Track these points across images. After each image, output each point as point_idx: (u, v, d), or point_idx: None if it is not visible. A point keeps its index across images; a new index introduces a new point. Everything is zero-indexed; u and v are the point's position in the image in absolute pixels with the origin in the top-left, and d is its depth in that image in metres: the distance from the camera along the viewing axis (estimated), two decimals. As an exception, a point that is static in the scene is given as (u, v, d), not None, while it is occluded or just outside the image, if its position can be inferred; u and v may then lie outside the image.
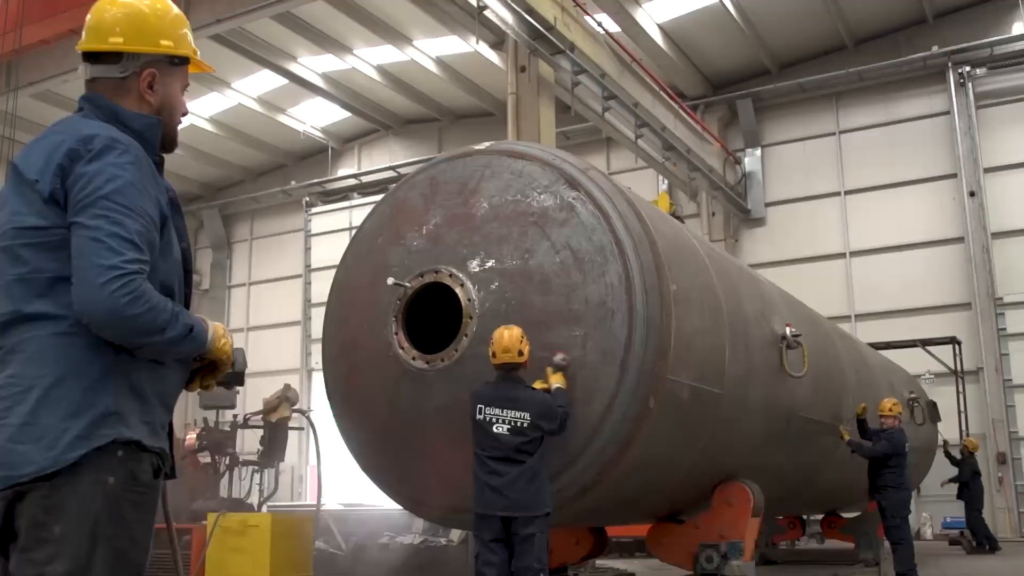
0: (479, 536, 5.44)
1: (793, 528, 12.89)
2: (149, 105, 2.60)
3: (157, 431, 2.46)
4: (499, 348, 5.20)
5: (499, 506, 5.28)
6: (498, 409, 5.26)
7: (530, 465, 5.27)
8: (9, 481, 2.25)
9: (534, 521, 5.30)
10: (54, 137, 2.45)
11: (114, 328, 2.28)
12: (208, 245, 30.47)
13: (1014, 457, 19.28)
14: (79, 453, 2.26)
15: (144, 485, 2.39)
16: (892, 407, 9.94)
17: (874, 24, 21.50)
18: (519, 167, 5.72)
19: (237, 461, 10.51)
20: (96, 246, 2.26)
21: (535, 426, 5.24)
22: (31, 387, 2.28)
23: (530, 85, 14.13)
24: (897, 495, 9.81)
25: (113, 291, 2.23)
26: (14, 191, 2.42)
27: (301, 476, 26.17)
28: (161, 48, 2.59)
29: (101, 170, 2.34)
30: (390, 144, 27.60)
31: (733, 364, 6.33)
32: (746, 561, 6.26)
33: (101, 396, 2.31)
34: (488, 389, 5.32)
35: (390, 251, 5.91)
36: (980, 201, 20.16)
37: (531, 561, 5.31)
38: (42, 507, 2.25)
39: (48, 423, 2.26)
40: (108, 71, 2.56)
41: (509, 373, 5.26)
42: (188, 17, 5.88)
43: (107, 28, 2.55)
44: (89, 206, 2.30)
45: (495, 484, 5.27)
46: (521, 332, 5.20)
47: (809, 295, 13.84)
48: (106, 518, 2.28)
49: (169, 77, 2.63)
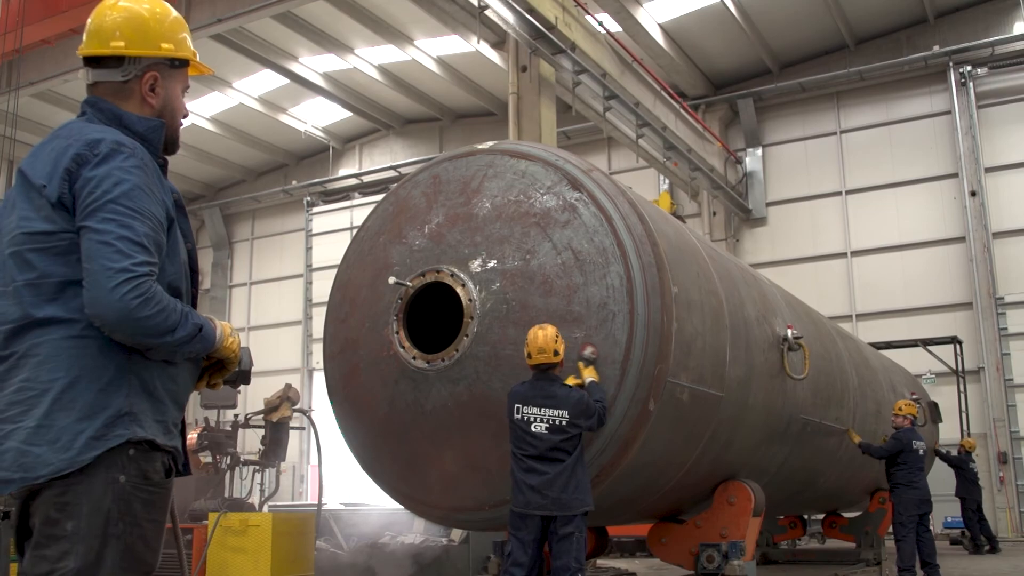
0: (516, 535, 5.38)
1: (794, 528, 12.88)
2: (151, 107, 2.63)
3: (170, 429, 2.51)
4: (534, 349, 5.17)
5: (538, 505, 5.26)
6: (536, 408, 5.24)
7: (569, 463, 5.25)
8: (25, 482, 2.30)
9: (573, 520, 5.29)
10: (59, 142, 2.47)
11: (125, 330, 2.32)
12: (209, 245, 30.50)
13: (1015, 457, 19.29)
14: (94, 454, 2.31)
15: (155, 484, 2.44)
16: (903, 407, 10.15)
17: (875, 24, 21.50)
18: (522, 167, 5.72)
19: (238, 461, 10.51)
20: (106, 249, 2.30)
21: (574, 424, 5.23)
22: (45, 390, 2.32)
23: (531, 85, 14.13)
24: (907, 493, 9.91)
25: (124, 294, 2.27)
26: (22, 196, 2.46)
27: (302, 476, 26.21)
28: (162, 51, 2.62)
29: (108, 174, 2.37)
30: (391, 144, 27.61)
31: (734, 366, 6.32)
32: (747, 561, 6.25)
33: (114, 397, 2.36)
34: (525, 388, 5.29)
35: (392, 250, 5.91)
36: (981, 201, 20.17)
37: (569, 560, 5.29)
38: (55, 505, 2.30)
39: (63, 425, 2.30)
40: (110, 75, 2.59)
41: (545, 372, 5.25)
42: (189, 17, 5.95)
43: (108, 32, 2.58)
44: (98, 210, 2.33)
45: (534, 483, 5.24)
46: (556, 331, 5.16)
47: (810, 295, 13.87)
48: (117, 516, 2.33)
49: (170, 80, 2.66)
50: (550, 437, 5.23)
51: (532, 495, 5.25)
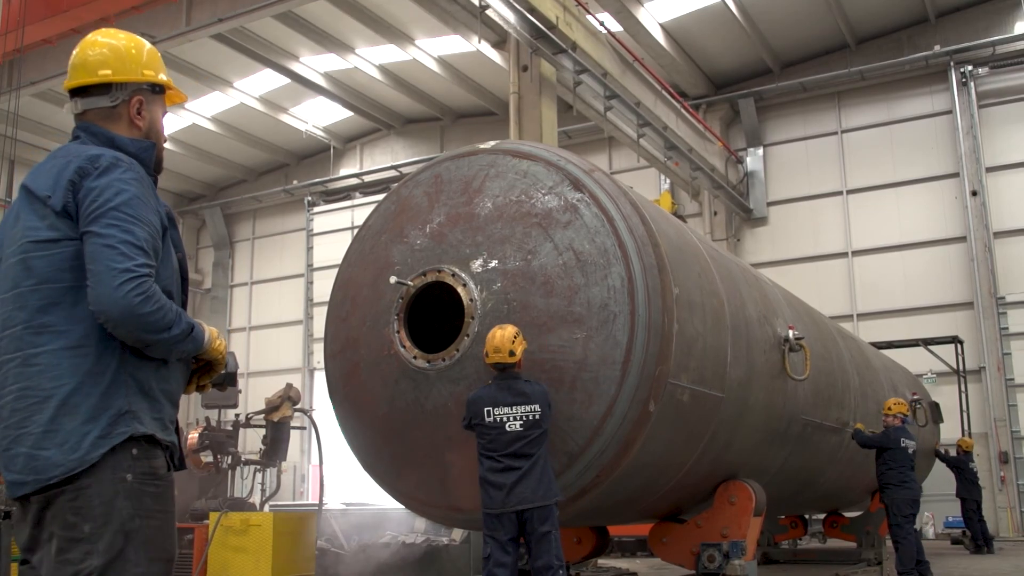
0: (493, 537, 5.41)
1: (795, 527, 12.89)
2: (139, 129, 2.84)
3: (167, 426, 2.67)
4: (490, 348, 5.21)
5: (513, 502, 5.29)
6: (508, 407, 5.27)
7: (540, 455, 5.31)
8: (38, 484, 2.46)
9: (548, 518, 5.31)
10: (60, 160, 2.68)
11: (127, 325, 2.49)
12: (210, 244, 30.52)
13: (1016, 456, 19.29)
14: (101, 452, 2.48)
15: (160, 478, 2.61)
16: (893, 406, 10.07)
17: (876, 23, 21.49)
18: (524, 167, 5.71)
19: (239, 460, 10.50)
20: (110, 252, 2.48)
21: (545, 415, 5.26)
22: (48, 396, 2.48)
23: (532, 84, 14.13)
24: (900, 493, 9.86)
25: (128, 292, 2.45)
26: (27, 208, 2.66)
27: (303, 475, 26.21)
28: (145, 77, 2.86)
29: (109, 184, 2.57)
30: (392, 143, 27.60)
31: (735, 367, 6.32)
32: (748, 560, 6.25)
33: (115, 398, 2.53)
34: (491, 391, 5.32)
35: (393, 248, 5.91)
36: (982, 200, 20.17)
37: (551, 559, 5.32)
38: (71, 510, 2.46)
39: (70, 428, 2.47)
40: (98, 102, 2.81)
41: (505, 372, 5.27)
42: (190, 17, 5.88)
43: (94, 63, 2.81)
44: (101, 216, 2.53)
45: (508, 481, 5.28)
46: (515, 332, 5.19)
47: (811, 294, 13.86)
48: (132, 512, 2.50)
49: (152, 104, 2.89)
50: (526, 433, 5.26)
51: (505, 493, 5.29)
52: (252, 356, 28.95)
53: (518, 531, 5.40)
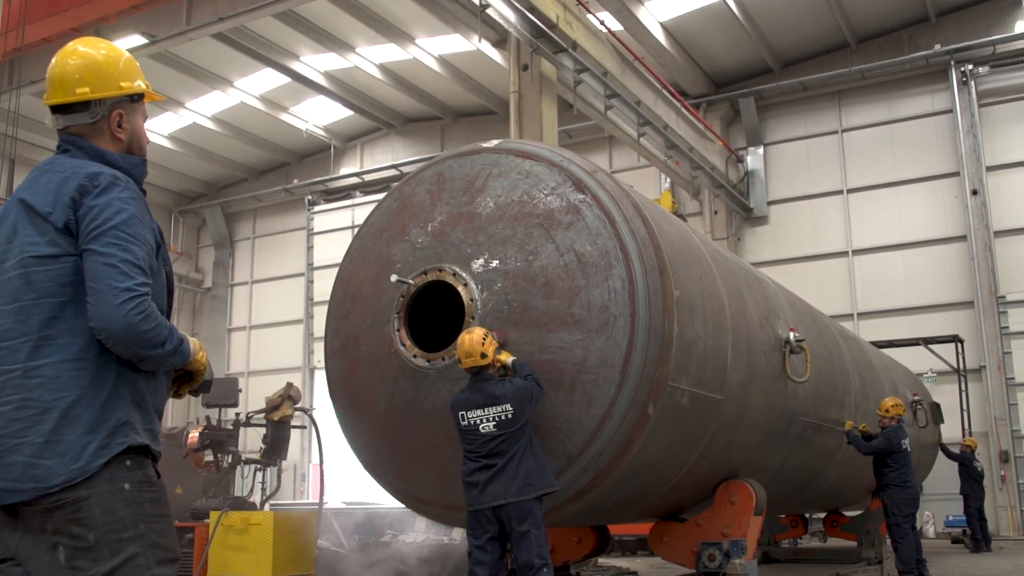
0: (473, 535, 5.46)
1: (795, 526, 12.90)
2: (120, 141, 2.87)
3: (156, 436, 2.76)
4: (461, 353, 5.24)
5: (487, 498, 5.32)
6: (480, 410, 5.31)
7: (517, 452, 5.30)
8: (37, 492, 2.52)
9: (528, 516, 5.29)
10: (55, 175, 2.73)
11: (127, 342, 2.56)
12: (210, 243, 30.52)
13: (1016, 455, 19.28)
14: (100, 463, 2.55)
15: (155, 485, 2.70)
16: (891, 408, 10.03)
17: (876, 22, 21.48)
18: (526, 167, 5.70)
19: (239, 459, 10.51)
20: (111, 271, 2.56)
21: (521, 412, 5.27)
22: (50, 408, 2.53)
23: (532, 83, 14.12)
24: (900, 494, 9.87)
25: (129, 310, 2.53)
26: (25, 223, 2.70)
27: (304, 474, 26.21)
28: (122, 90, 2.87)
29: (109, 203, 2.64)
30: (392, 143, 27.59)
31: (735, 369, 6.31)
32: (748, 559, 6.25)
33: (113, 410, 2.60)
34: (465, 395, 5.37)
35: (394, 246, 5.90)
36: (983, 199, 20.16)
37: (531, 557, 5.29)
38: (74, 521, 2.53)
39: (71, 439, 2.54)
40: (79, 118, 2.83)
41: (478, 374, 5.30)
42: (190, 16, 5.91)
43: (71, 81, 2.82)
44: (102, 235, 2.60)
45: (482, 478, 5.32)
46: (482, 334, 5.21)
47: (811, 293, 13.86)
48: (134, 519, 2.58)
49: (132, 114, 2.92)
50: (499, 432, 5.28)
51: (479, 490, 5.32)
52: (252, 355, 28.96)
53: (497, 530, 5.41)
